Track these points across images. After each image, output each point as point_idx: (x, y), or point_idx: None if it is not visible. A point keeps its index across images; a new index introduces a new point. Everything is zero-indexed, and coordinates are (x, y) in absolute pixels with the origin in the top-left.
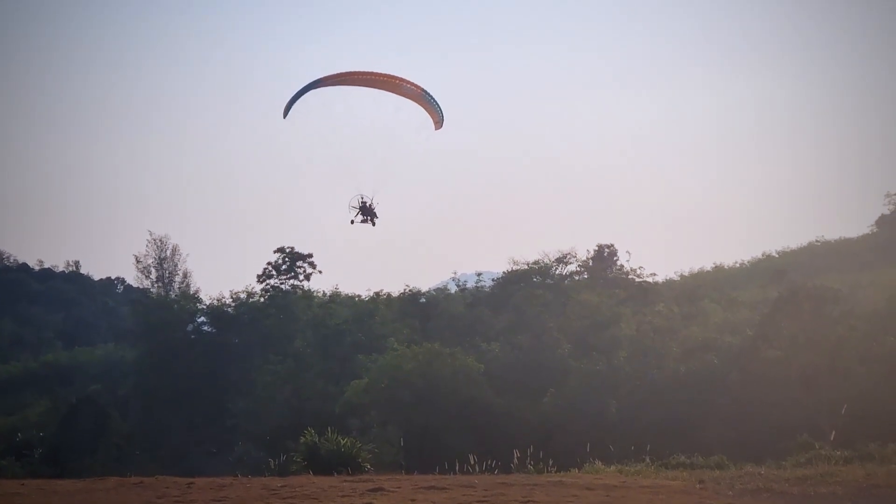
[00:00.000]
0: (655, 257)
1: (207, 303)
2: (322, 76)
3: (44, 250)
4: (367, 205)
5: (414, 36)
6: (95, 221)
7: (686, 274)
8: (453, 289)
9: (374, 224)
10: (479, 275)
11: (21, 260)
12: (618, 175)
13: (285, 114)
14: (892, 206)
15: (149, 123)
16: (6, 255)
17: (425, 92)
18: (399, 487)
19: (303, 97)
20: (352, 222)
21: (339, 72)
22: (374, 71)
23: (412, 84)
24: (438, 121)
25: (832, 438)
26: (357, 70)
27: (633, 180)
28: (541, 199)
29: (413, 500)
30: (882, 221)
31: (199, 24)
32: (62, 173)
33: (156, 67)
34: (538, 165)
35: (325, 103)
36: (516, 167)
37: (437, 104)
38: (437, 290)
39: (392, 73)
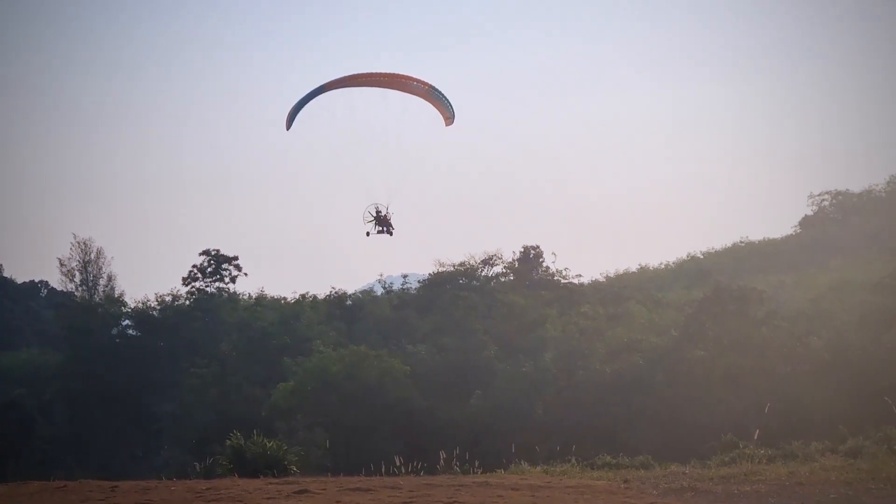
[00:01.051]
0: (581, 259)
1: (132, 306)
2: (324, 83)
3: None
4: (383, 215)
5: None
6: (18, 224)
7: (611, 275)
8: (379, 291)
9: (391, 234)
10: (405, 277)
11: None
12: (543, 176)
13: (288, 125)
14: (815, 207)
15: (72, 124)
16: None
17: (433, 88)
18: (324, 489)
19: (304, 101)
20: (367, 234)
21: (342, 76)
22: (378, 71)
23: (419, 81)
24: (449, 117)
25: (756, 438)
26: (360, 73)
27: (559, 181)
28: (466, 200)
29: (338, 502)
30: (806, 222)
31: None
32: None
33: (79, 67)
34: (464, 167)
35: (320, 108)
36: (441, 168)
37: (446, 100)
38: (364, 292)
39: (396, 73)
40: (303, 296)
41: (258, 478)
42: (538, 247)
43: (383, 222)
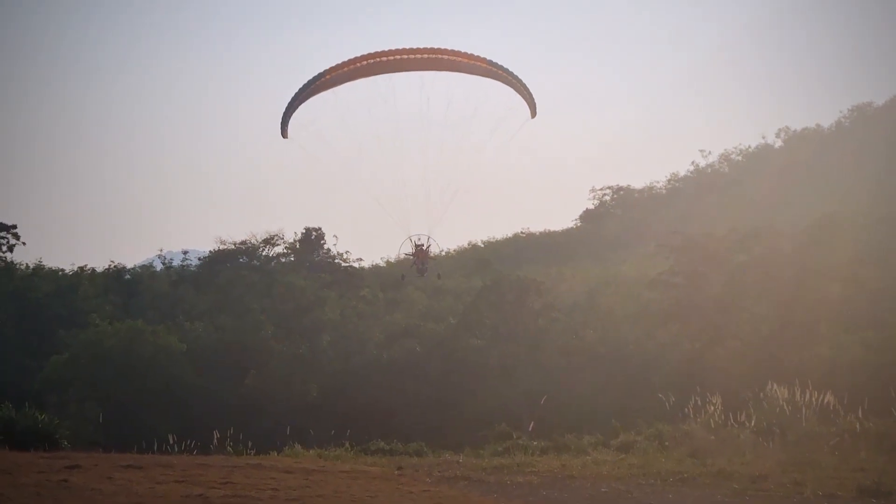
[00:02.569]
0: (362, 242)
1: None
2: (324, 71)
3: None
4: (424, 247)
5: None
6: None
7: (392, 260)
8: (159, 266)
9: (422, 274)
10: (185, 253)
11: None
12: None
13: (283, 131)
14: (596, 202)
15: None
16: None
17: (498, 66)
18: (96, 465)
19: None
20: (402, 277)
21: (360, 56)
22: (409, 47)
23: (473, 58)
24: (532, 105)
25: (530, 429)
26: (385, 51)
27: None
28: (250, 178)
29: (110, 478)
30: (586, 216)
31: None
32: None
33: None
34: (245, 144)
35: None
36: (224, 143)
37: (520, 80)
38: (143, 267)
39: (439, 47)
40: (81, 268)
41: (28, 451)
42: (320, 229)
43: (419, 255)
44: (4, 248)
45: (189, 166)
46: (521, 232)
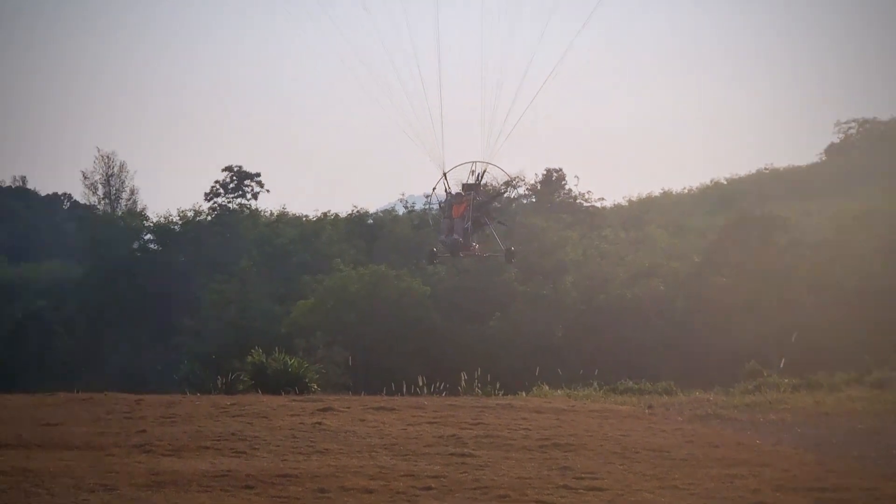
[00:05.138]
0: (603, 182)
1: (154, 220)
2: None
3: None
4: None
5: None
6: (43, 136)
7: (634, 199)
8: (401, 211)
9: (458, 253)
10: (427, 197)
11: None
12: (566, 97)
13: None
14: (841, 135)
15: (96, 35)
16: None
17: None
18: (348, 407)
19: None
20: (432, 255)
21: None
22: None
23: None
24: None
25: (781, 366)
26: None
27: (582, 103)
28: (488, 121)
29: (363, 420)
30: (832, 150)
31: None
32: (7, 85)
33: None
34: (486, 87)
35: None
36: (465, 89)
37: None
38: (385, 211)
39: None
40: (324, 213)
41: (280, 394)
42: (561, 169)
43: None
44: (249, 196)
45: (430, 109)
46: (765, 168)
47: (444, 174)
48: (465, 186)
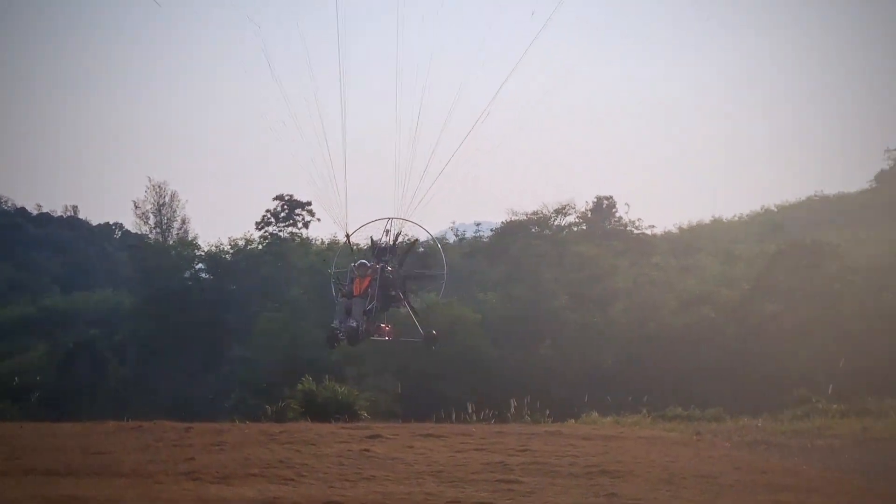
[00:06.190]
0: (653, 210)
1: (205, 249)
2: None
3: (42, 194)
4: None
5: None
6: (94, 166)
7: (684, 226)
8: (451, 238)
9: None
10: (477, 225)
11: (19, 204)
12: (618, 125)
13: None
14: (891, 162)
15: (148, 66)
16: (4, 199)
17: None
18: (396, 435)
19: None
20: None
21: None
22: None
23: None
24: None
25: (830, 392)
26: None
27: (633, 131)
28: (541, 148)
29: (410, 447)
30: (881, 177)
31: None
32: (61, 116)
33: (153, 10)
34: (538, 114)
35: None
36: (516, 116)
37: None
38: (436, 239)
39: None
40: (375, 242)
41: (329, 422)
42: (611, 197)
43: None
44: (300, 225)
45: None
46: (815, 195)
47: (348, 236)
48: (376, 251)
